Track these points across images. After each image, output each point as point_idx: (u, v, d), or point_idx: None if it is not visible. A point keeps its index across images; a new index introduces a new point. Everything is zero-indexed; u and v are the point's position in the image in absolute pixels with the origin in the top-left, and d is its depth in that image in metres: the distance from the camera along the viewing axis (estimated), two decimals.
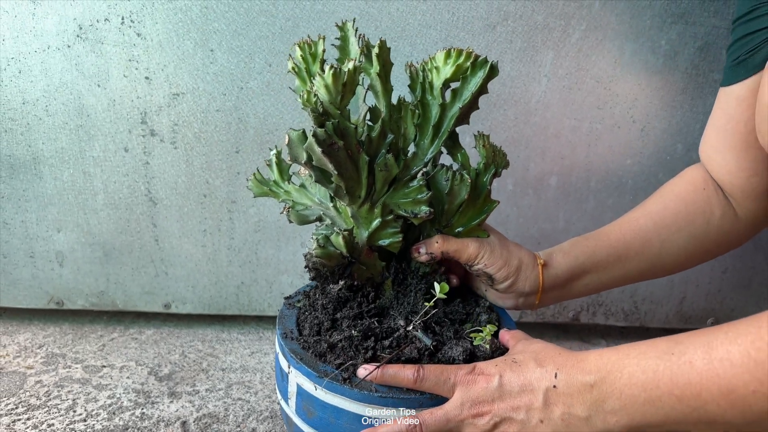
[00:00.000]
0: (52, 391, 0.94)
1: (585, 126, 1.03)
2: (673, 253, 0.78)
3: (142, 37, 0.96)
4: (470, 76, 0.68)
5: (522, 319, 1.16)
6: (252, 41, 0.96)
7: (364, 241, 0.70)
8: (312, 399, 0.64)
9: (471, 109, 0.71)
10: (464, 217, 0.73)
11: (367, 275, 0.72)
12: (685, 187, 0.78)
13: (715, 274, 1.14)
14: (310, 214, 0.74)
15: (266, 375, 1.02)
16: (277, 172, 0.76)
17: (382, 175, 0.66)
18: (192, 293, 1.13)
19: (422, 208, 0.68)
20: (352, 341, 0.65)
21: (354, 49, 0.69)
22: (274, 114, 1.00)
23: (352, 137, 0.62)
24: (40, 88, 0.98)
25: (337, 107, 0.60)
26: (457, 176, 0.70)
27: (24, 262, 1.09)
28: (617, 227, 0.79)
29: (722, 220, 0.77)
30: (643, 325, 1.18)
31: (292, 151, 0.63)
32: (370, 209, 0.68)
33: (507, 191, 1.07)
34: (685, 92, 1.01)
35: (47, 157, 1.02)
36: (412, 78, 0.70)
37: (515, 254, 0.74)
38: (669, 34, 0.98)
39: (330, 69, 0.57)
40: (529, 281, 0.75)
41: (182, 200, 1.06)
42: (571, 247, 0.78)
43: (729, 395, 0.48)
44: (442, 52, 0.67)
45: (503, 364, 0.60)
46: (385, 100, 0.68)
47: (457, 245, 0.72)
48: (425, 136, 0.71)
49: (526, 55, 0.99)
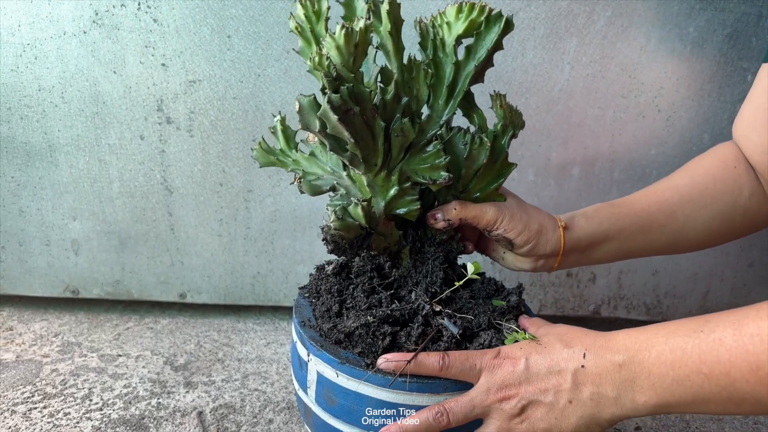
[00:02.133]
0: (68, 380, 0.93)
1: (609, 115, 1.01)
2: (696, 229, 0.76)
3: (158, 23, 0.94)
4: (485, 32, 0.65)
5: (541, 312, 1.15)
6: (269, 27, 0.95)
7: (381, 210, 0.66)
8: (333, 386, 0.62)
9: (486, 67, 0.67)
10: (482, 182, 0.71)
11: (384, 245, 0.69)
12: (715, 164, 0.76)
13: (740, 267, 1.11)
14: (323, 184, 0.71)
15: (282, 366, 1.02)
16: (283, 140, 0.72)
17: (398, 140, 0.63)
18: (207, 283, 1.12)
19: (441, 174, 0.65)
20: (369, 328, 0.62)
21: (360, 5, 0.66)
22: (292, 101, 0.99)
23: (368, 102, 0.59)
24: (56, 74, 0.97)
25: (351, 70, 0.57)
26: (476, 140, 0.67)
27: (40, 250, 1.09)
28: (643, 197, 0.77)
29: (750, 200, 0.75)
30: (665, 319, 1.15)
31: (303, 119, 0.60)
32: (387, 177, 0.65)
33: (528, 181, 1.05)
34: (712, 81, 0.99)
35: (63, 145, 1.01)
36: (422, 35, 0.67)
37: (535, 217, 0.72)
38: (697, 20, 0.95)
39: (341, 29, 0.54)
40: (550, 244, 0.72)
41: (198, 189, 1.05)
42: (595, 212, 0.76)
43: (758, 371, 0.47)
44: (453, 6, 0.64)
45: (528, 347, 0.59)
46: (397, 60, 0.64)
47: (475, 211, 0.69)
48: (439, 97, 0.67)
49: (549, 42, 0.96)
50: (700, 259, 1.11)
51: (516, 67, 0.97)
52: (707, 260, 1.11)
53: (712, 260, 1.11)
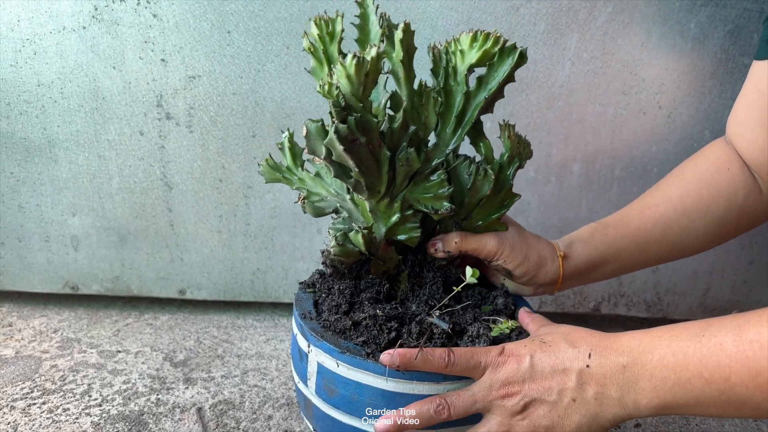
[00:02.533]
0: (67, 376, 0.93)
1: (610, 111, 1.00)
2: (693, 238, 0.76)
3: (158, 18, 0.94)
4: (498, 64, 0.65)
5: (541, 309, 1.14)
6: (269, 23, 0.95)
7: (382, 235, 0.67)
8: (334, 377, 0.63)
9: (496, 98, 0.68)
10: (484, 212, 0.71)
11: (383, 269, 0.70)
12: (708, 168, 0.75)
13: (741, 265, 1.11)
14: (326, 207, 0.71)
15: (282, 362, 1.01)
16: (290, 158, 0.73)
17: (403, 169, 0.63)
18: (207, 279, 1.12)
19: (444, 204, 0.65)
20: (376, 320, 0.64)
21: (374, 29, 0.66)
22: (292, 98, 0.98)
23: (375, 132, 0.59)
24: (55, 70, 0.97)
25: (360, 99, 0.57)
26: (480, 171, 0.67)
27: (39, 246, 1.08)
28: (637, 213, 0.77)
29: (746, 200, 0.74)
30: (665, 317, 1.16)
31: (310, 144, 0.60)
32: (390, 204, 0.66)
33: (528, 178, 1.05)
34: (714, 77, 0.99)
35: (62, 141, 1.01)
36: (434, 61, 0.67)
37: (534, 248, 0.73)
38: (698, 17, 0.95)
39: (353, 58, 0.54)
40: (549, 274, 0.74)
41: (198, 185, 1.04)
42: (591, 236, 0.77)
43: (757, 377, 0.47)
44: (468, 34, 0.64)
45: (533, 345, 0.59)
46: (407, 88, 0.64)
47: (475, 244, 0.70)
48: (447, 125, 0.68)
49: (550, 38, 0.96)
50: (700, 256, 1.10)
51: None
52: (708, 258, 1.11)
53: (712, 258, 1.11)
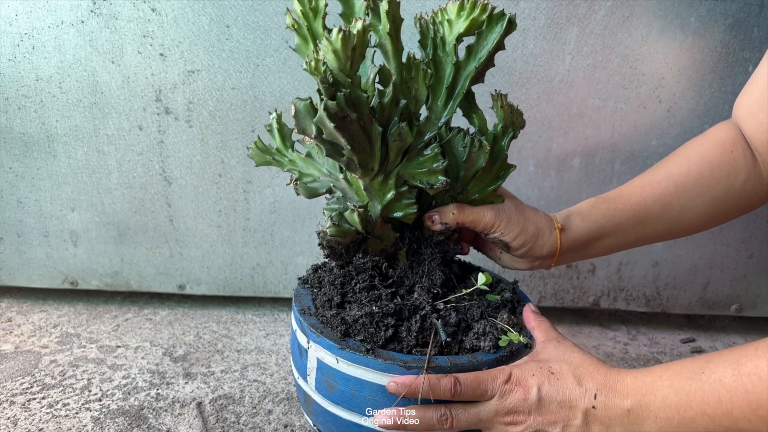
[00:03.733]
0: (66, 371, 0.93)
1: (609, 106, 1.00)
2: (691, 218, 0.76)
3: (156, 13, 0.94)
4: (486, 32, 0.64)
5: (541, 304, 1.14)
6: (268, 17, 0.94)
7: (378, 214, 0.66)
8: (333, 372, 0.62)
9: (487, 67, 0.67)
10: (480, 184, 0.70)
11: (381, 247, 0.69)
12: (712, 149, 0.75)
13: (740, 259, 1.11)
14: (319, 187, 0.70)
15: (281, 357, 1.01)
16: (279, 139, 0.72)
17: (396, 145, 0.62)
18: (207, 274, 1.12)
19: (439, 179, 0.64)
20: (373, 317, 0.63)
21: (359, 1, 0.64)
22: (291, 92, 0.98)
23: (365, 107, 0.58)
24: (54, 64, 0.96)
25: (348, 74, 0.56)
26: (475, 143, 0.66)
27: (38, 241, 1.08)
28: (638, 189, 0.77)
29: (745, 184, 0.74)
30: (665, 311, 1.16)
31: (299, 123, 0.59)
32: (384, 181, 0.65)
33: (528, 172, 1.04)
34: (714, 71, 0.98)
35: (61, 135, 1.01)
36: (422, 32, 0.65)
37: (532, 220, 0.72)
38: (698, 10, 0.95)
39: (338, 32, 0.52)
40: (547, 246, 0.73)
41: (197, 180, 1.04)
42: (590, 209, 0.76)
43: (758, 410, 0.48)
44: (454, 3, 0.62)
45: (540, 375, 0.59)
46: (395, 61, 0.63)
47: (473, 215, 0.70)
48: (438, 97, 0.66)
49: (549, 32, 0.96)
50: (700, 250, 1.11)
51: (516, 58, 0.97)
52: (707, 252, 1.11)
53: (712, 251, 1.11)
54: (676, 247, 1.10)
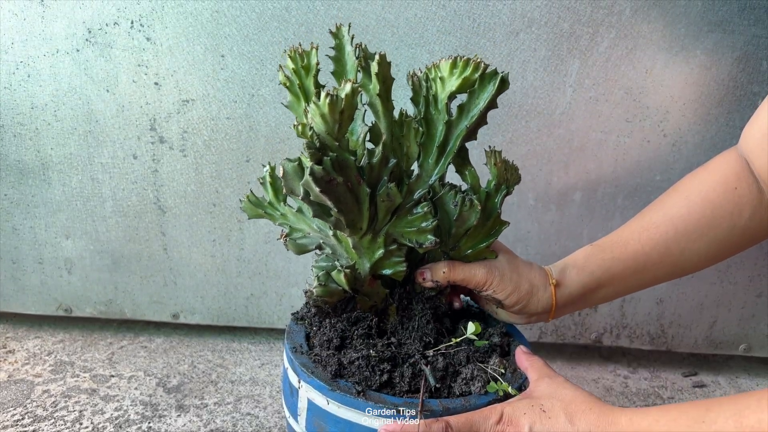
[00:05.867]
0: (59, 402, 0.92)
1: (612, 139, 0.97)
2: (693, 259, 0.74)
3: (151, 42, 0.93)
4: (479, 90, 0.63)
5: (541, 340, 1.12)
6: (264, 47, 0.93)
7: (367, 271, 0.66)
8: (324, 414, 0.61)
9: (479, 125, 0.66)
10: (472, 240, 0.69)
11: (370, 304, 0.69)
12: (714, 187, 0.72)
13: (748, 298, 1.07)
14: (309, 243, 0.70)
15: (276, 388, 1.00)
16: (272, 192, 0.72)
17: (384, 205, 0.62)
18: (201, 304, 1.11)
19: (428, 238, 0.63)
20: (369, 361, 0.62)
21: (350, 59, 0.64)
22: (286, 122, 0.97)
23: (352, 169, 0.58)
24: (49, 92, 0.96)
25: (335, 138, 0.56)
26: (466, 202, 0.65)
27: (33, 268, 1.08)
28: (635, 235, 0.74)
29: (750, 221, 0.71)
30: (669, 350, 1.12)
31: (287, 184, 0.59)
32: (373, 239, 0.64)
33: (528, 206, 1.02)
34: (720, 105, 0.95)
35: (56, 163, 1.00)
36: (414, 90, 0.65)
37: (525, 277, 0.70)
38: (705, 43, 0.92)
39: (326, 97, 0.52)
40: (542, 303, 0.71)
41: (191, 209, 1.03)
42: (586, 261, 0.74)
43: None
44: (447, 61, 0.62)
45: (532, 414, 0.58)
46: (386, 120, 0.62)
47: (464, 273, 0.68)
48: (430, 155, 0.66)
49: (550, 64, 0.93)
50: (706, 288, 1.07)
51: (516, 90, 0.95)
52: (714, 290, 1.07)
53: (719, 290, 1.07)
54: (682, 284, 1.07)
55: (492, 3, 0.90)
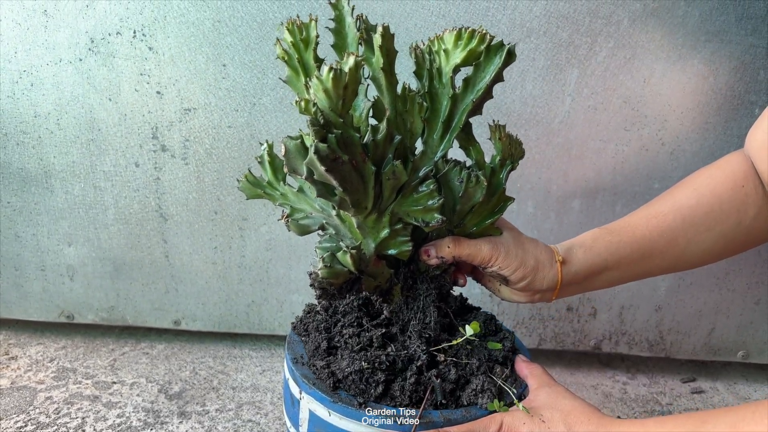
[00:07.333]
0: (61, 408, 0.93)
1: (611, 148, 0.98)
2: (697, 252, 0.73)
3: (153, 51, 0.94)
4: (485, 63, 0.59)
5: (541, 347, 1.12)
6: (265, 56, 0.94)
7: (372, 251, 0.64)
8: (326, 425, 0.61)
9: (485, 100, 0.63)
10: (478, 217, 0.67)
11: (375, 285, 0.67)
12: (723, 182, 0.72)
13: (747, 305, 1.08)
14: (312, 224, 0.68)
15: (277, 395, 1.00)
16: (271, 172, 0.69)
17: (389, 183, 0.59)
18: (202, 310, 1.11)
19: (434, 216, 0.61)
20: (362, 374, 0.61)
21: (351, 32, 0.61)
22: (288, 131, 0.98)
23: (357, 147, 0.55)
24: (52, 101, 0.97)
25: (339, 114, 0.53)
26: (472, 178, 0.63)
27: (35, 275, 1.09)
28: (644, 222, 0.73)
29: (755, 220, 0.71)
30: (668, 356, 1.13)
31: (289, 163, 0.56)
32: (378, 219, 0.62)
33: (527, 214, 1.02)
34: (718, 114, 0.96)
35: (58, 171, 1.01)
36: (417, 63, 0.62)
37: (531, 253, 0.69)
38: (702, 53, 0.93)
39: (329, 71, 0.49)
40: (547, 279, 0.70)
41: (193, 217, 1.04)
42: (593, 242, 0.73)
43: None
44: (451, 32, 0.58)
45: (531, 424, 0.58)
46: (390, 95, 0.59)
47: (469, 249, 0.67)
48: (434, 131, 0.63)
49: (549, 73, 0.94)
50: (705, 295, 1.08)
51: (515, 99, 0.95)
52: (712, 297, 1.08)
53: (717, 297, 1.08)
54: (680, 292, 1.07)
55: (491, 13, 0.91)
